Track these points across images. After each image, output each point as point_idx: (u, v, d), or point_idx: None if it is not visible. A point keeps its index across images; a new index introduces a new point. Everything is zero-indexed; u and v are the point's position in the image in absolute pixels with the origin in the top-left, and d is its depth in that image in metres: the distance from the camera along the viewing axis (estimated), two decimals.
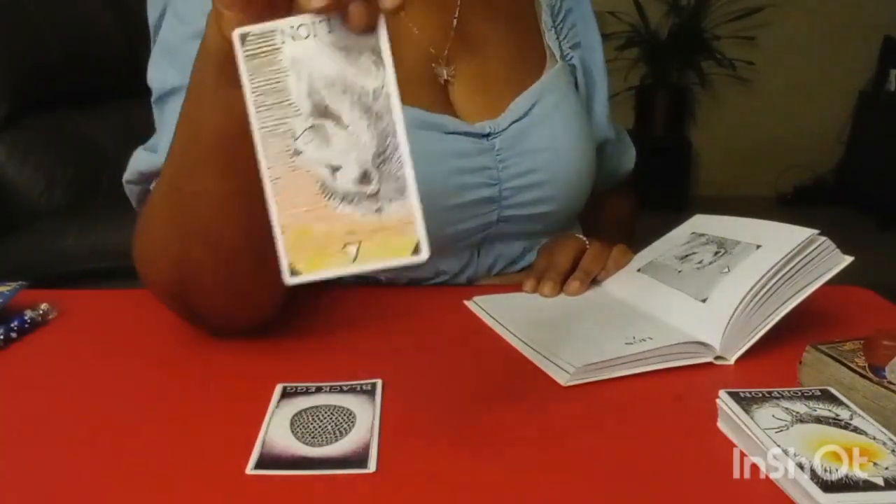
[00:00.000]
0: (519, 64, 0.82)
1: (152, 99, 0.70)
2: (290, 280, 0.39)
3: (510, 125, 0.77)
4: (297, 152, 0.39)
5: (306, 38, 0.38)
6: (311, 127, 0.39)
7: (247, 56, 0.39)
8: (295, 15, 0.39)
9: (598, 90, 0.90)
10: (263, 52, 0.39)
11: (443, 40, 0.78)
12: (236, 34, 0.39)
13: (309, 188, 0.39)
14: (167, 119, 0.68)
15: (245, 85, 0.39)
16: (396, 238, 0.39)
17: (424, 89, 0.75)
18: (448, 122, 0.74)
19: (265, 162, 0.39)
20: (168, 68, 0.69)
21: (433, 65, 0.77)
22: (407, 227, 0.39)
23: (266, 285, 0.58)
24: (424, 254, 0.39)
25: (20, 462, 0.47)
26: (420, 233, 0.39)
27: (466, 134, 0.74)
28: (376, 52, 0.38)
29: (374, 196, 0.39)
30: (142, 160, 0.67)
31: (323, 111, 0.39)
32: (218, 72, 0.46)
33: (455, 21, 0.79)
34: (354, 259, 0.39)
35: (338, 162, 0.39)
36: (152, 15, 0.73)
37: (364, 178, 0.39)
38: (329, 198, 0.39)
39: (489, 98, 0.78)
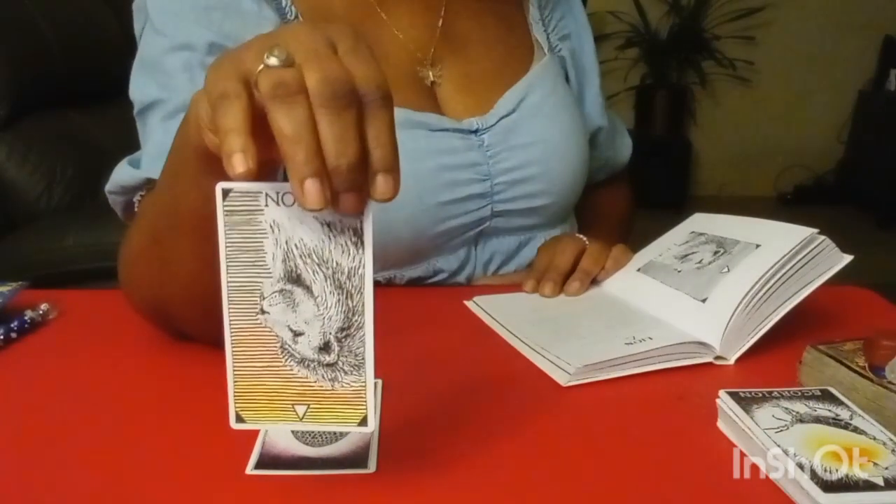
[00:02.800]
0: (506, 60, 0.82)
1: (134, 112, 0.70)
2: (234, 425, 0.40)
3: (498, 121, 0.77)
4: (263, 311, 0.39)
5: (290, 205, 0.38)
6: (279, 291, 0.39)
7: (227, 211, 0.38)
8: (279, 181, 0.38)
9: (590, 80, 0.90)
10: (244, 211, 0.38)
11: (428, 42, 0.78)
12: (219, 188, 0.38)
13: (268, 346, 0.40)
14: (149, 132, 0.68)
15: (220, 238, 0.38)
16: (346, 407, 0.40)
17: (411, 91, 0.76)
18: (434, 119, 0.74)
19: (229, 315, 0.39)
20: (148, 81, 0.69)
21: (419, 68, 0.77)
22: (358, 399, 0.40)
23: None
24: (371, 426, 0.40)
25: (20, 462, 0.46)
26: (369, 407, 0.40)
27: (454, 130, 0.75)
28: (357, 234, 0.38)
29: (332, 366, 0.39)
30: (125, 174, 0.67)
31: (295, 278, 0.39)
32: (198, 162, 0.44)
33: (440, 22, 0.79)
34: (301, 418, 0.40)
35: (301, 328, 0.39)
36: (137, 27, 0.73)
37: (324, 348, 0.39)
38: (287, 359, 0.40)
39: (477, 96, 0.79)
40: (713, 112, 3.84)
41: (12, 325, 0.63)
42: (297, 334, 0.39)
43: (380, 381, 0.54)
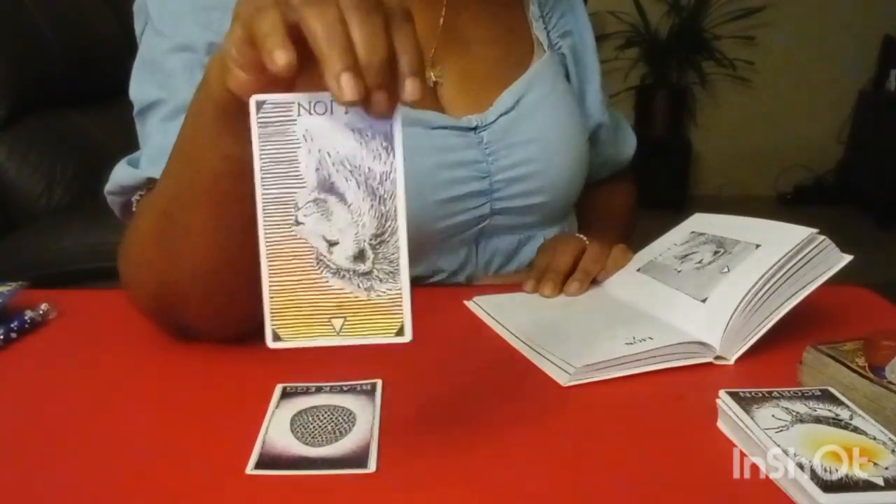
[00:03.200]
0: (506, 57, 0.82)
1: (134, 112, 0.70)
2: (272, 344, 0.40)
3: (497, 118, 0.77)
4: (298, 222, 0.40)
5: (322, 114, 0.39)
6: (314, 200, 0.40)
7: (260, 123, 0.39)
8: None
9: (590, 77, 0.90)
10: (278, 122, 0.39)
11: (429, 42, 0.78)
12: (253, 101, 0.39)
13: (304, 258, 0.40)
14: (149, 133, 0.68)
15: (255, 151, 0.39)
16: (382, 318, 0.40)
17: None
18: (433, 117, 0.74)
19: (264, 228, 0.40)
20: (148, 82, 0.69)
21: None
22: (394, 308, 0.40)
23: (252, 309, 0.58)
24: (408, 336, 0.40)
25: (20, 462, 0.46)
26: (406, 316, 0.40)
27: (452, 128, 0.75)
28: (388, 139, 0.39)
29: (367, 275, 0.40)
30: (124, 174, 0.67)
31: (328, 187, 0.40)
32: (217, 119, 0.46)
33: (441, 21, 0.79)
34: (339, 332, 0.40)
35: (336, 237, 0.40)
36: (137, 28, 0.73)
37: (359, 256, 0.40)
38: (322, 270, 0.40)
39: (477, 94, 0.79)
40: (713, 112, 3.84)
41: (12, 325, 0.63)
42: (331, 244, 0.40)
43: (379, 381, 0.54)
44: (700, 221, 0.73)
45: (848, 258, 0.62)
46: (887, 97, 3.54)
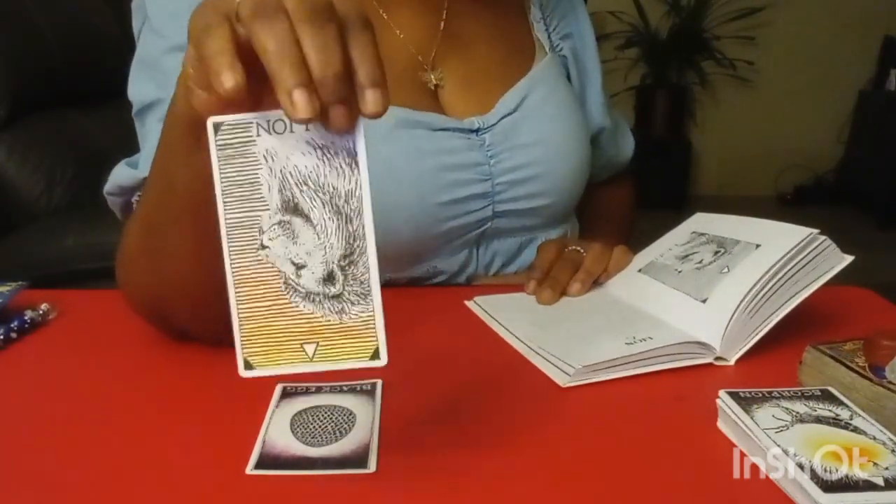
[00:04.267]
0: (508, 60, 0.82)
1: (133, 112, 0.70)
2: (243, 373, 0.39)
3: (500, 120, 0.77)
4: (263, 246, 0.39)
5: (282, 133, 0.38)
6: (278, 223, 0.38)
7: (219, 146, 0.38)
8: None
9: (592, 79, 0.90)
10: (237, 143, 0.38)
11: (430, 44, 0.78)
12: (210, 123, 0.38)
13: (271, 283, 0.39)
14: (147, 132, 0.68)
15: (215, 174, 0.38)
16: (356, 341, 0.39)
17: (411, 92, 0.75)
18: (435, 119, 0.74)
19: (229, 253, 0.39)
20: (146, 82, 0.69)
21: (420, 72, 0.77)
22: (368, 331, 0.38)
23: None
24: (383, 359, 0.39)
25: (20, 462, 0.46)
26: (381, 338, 0.38)
27: (455, 130, 0.75)
28: (352, 155, 0.37)
29: (337, 297, 0.38)
30: (123, 174, 0.67)
31: (293, 208, 0.38)
32: (186, 137, 0.44)
33: (442, 22, 0.79)
34: (312, 358, 0.39)
35: (303, 260, 0.39)
36: (135, 26, 0.73)
37: (328, 278, 0.38)
38: (291, 295, 0.39)
39: (478, 96, 0.79)
40: (713, 112, 3.85)
41: (12, 325, 0.63)
42: (299, 267, 0.38)
43: (379, 381, 0.54)
44: (701, 221, 0.73)
45: (849, 259, 0.62)
46: (887, 97, 3.54)
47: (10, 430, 0.50)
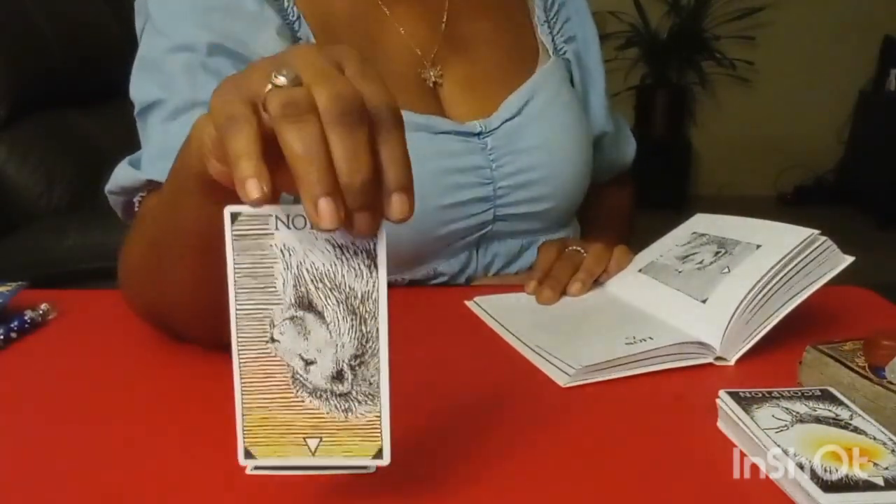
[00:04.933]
0: (510, 62, 0.81)
1: (135, 112, 0.70)
2: (243, 461, 0.39)
3: (502, 124, 0.77)
4: (273, 340, 0.38)
5: (301, 228, 0.37)
6: (290, 318, 0.38)
7: (235, 236, 0.37)
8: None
9: (595, 83, 0.89)
10: (254, 235, 0.37)
11: (431, 42, 0.78)
12: (227, 212, 0.37)
13: (279, 377, 0.38)
14: (150, 132, 0.68)
15: (229, 263, 0.37)
16: (360, 440, 0.38)
17: (413, 93, 0.75)
18: (437, 122, 0.74)
19: (238, 343, 0.38)
20: (148, 82, 0.69)
21: (420, 69, 0.77)
22: (372, 431, 0.38)
23: None
24: (386, 459, 0.38)
25: (20, 462, 0.46)
26: (385, 439, 0.38)
27: (457, 133, 0.75)
28: (371, 257, 0.37)
29: (345, 396, 0.38)
30: (125, 174, 0.67)
31: (306, 304, 0.38)
32: (198, 189, 0.42)
33: (444, 23, 0.79)
34: (314, 452, 0.39)
35: (313, 356, 0.38)
36: (138, 27, 0.73)
37: (337, 377, 0.38)
38: (298, 389, 0.38)
39: (480, 98, 0.78)
40: (713, 112, 3.84)
41: (12, 325, 0.63)
42: (308, 363, 0.38)
43: None
44: (701, 222, 0.73)
45: (849, 259, 0.61)
46: (887, 97, 3.54)
47: (10, 430, 0.50)
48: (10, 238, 1.37)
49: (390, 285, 0.79)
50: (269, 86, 0.35)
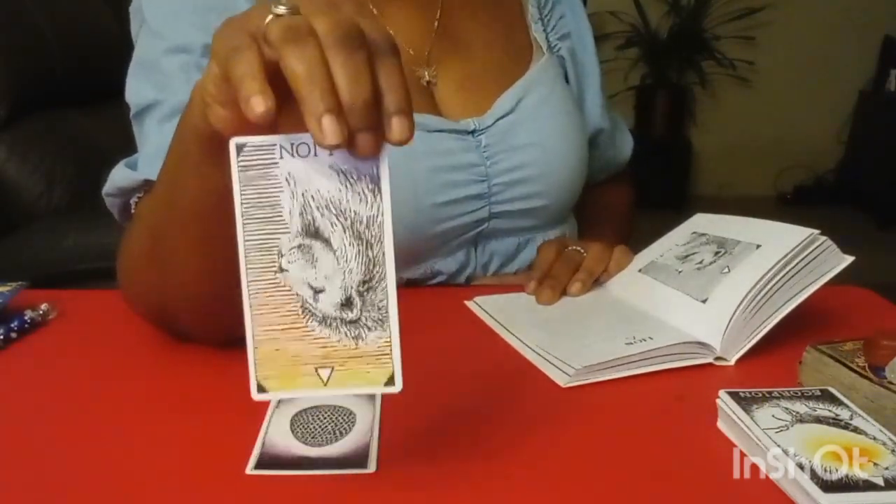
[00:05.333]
0: (504, 60, 0.82)
1: (131, 114, 0.70)
2: (256, 395, 0.39)
3: (496, 121, 0.77)
4: (282, 269, 0.38)
5: (305, 156, 0.37)
6: (298, 246, 0.38)
7: (241, 167, 0.37)
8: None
9: (590, 80, 0.89)
10: (259, 165, 0.37)
11: (425, 41, 0.78)
12: (233, 143, 0.37)
13: (288, 307, 0.38)
14: (146, 134, 0.68)
15: (236, 195, 0.38)
16: (371, 367, 0.38)
17: None
18: (431, 120, 0.74)
19: (247, 275, 0.38)
20: (144, 83, 0.69)
21: (414, 67, 0.77)
22: (383, 357, 0.38)
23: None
24: (398, 386, 0.38)
25: (20, 462, 0.46)
26: (396, 365, 0.38)
27: (451, 131, 0.75)
28: (375, 181, 0.37)
29: (354, 323, 0.38)
30: (122, 176, 0.67)
31: (313, 232, 0.38)
32: (201, 152, 0.44)
33: (437, 21, 0.79)
34: (326, 382, 0.39)
35: (321, 284, 0.38)
36: (133, 29, 0.73)
37: (346, 303, 0.38)
38: (308, 319, 0.38)
39: (475, 96, 0.78)
40: (713, 112, 3.84)
41: (12, 325, 0.63)
42: (317, 291, 0.38)
43: None
44: (701, 222, 0.73)
45: (849, 259, 0.61)
46: (887, 97, 3.54)
47: (10, 430, 0.50)
48: (10, 238, 1.37)
49: None
50: (270, 16, 0.36)
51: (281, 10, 0.36)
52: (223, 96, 0.38)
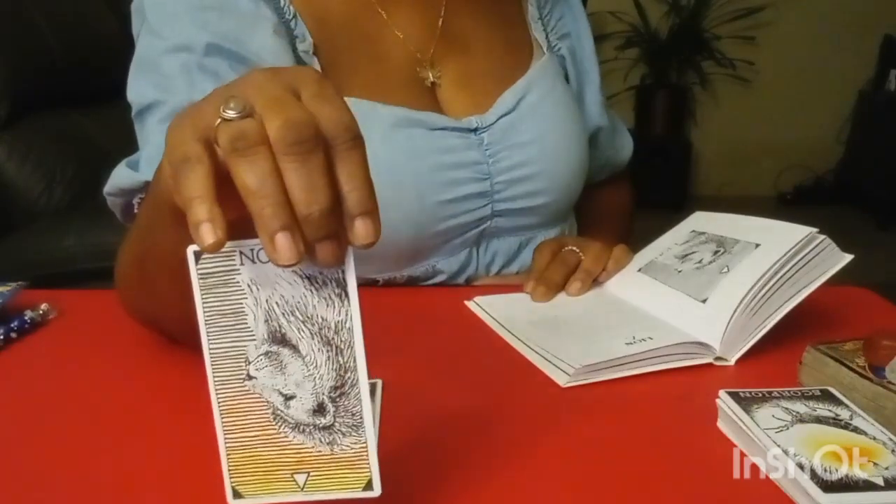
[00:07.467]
0: (505, 59, 0.82)
1: (132, 114, 0.70)
2: (232, 502, 0.38)
3: (498, 119, 0.78)
4: (250, 377, 0.37)
5: (266, 261, 0.35)
6: (265, 353, 0.37)
7: (201, 275, 0.36)
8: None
9: (590, 79, 0.90)
10: (220, 272, 0.36)
11: (428, 42, 0.78)
12: (190, 251, 0.35)
13: (259, 413, 0.37)
14: (147, 134, 0.68)
15: (197, 304, 0.36)
16: (348, 472, 0.37)
17: (410, 91, 0.76)
18: (433, 118, 0.74)
19: (215, 384, 0.37)
20: (146, 83, 0.69)
21: (418, 68, 0.77)
22: (360, 462, 0.37)
23: None
24: (377, 490, 0.37)
25: (20, 462, 0.46)
26: (374, 469, 0.37)
27: (453, 129, 0.75)
28: (341, 286, 0.35)
29: (328, 429, 0.37)
30: (123, 176, 0.66)
31: (280, 339, 0.37)
32: (170, 215, 0.41)
33: (440, 22, 0.79)
34: (302, 487, 0.38)
35: (291, 391, 0.37)
36: (134, 29, 0.73)
37: (319, 410, 0.37)
38: (280, 425, 0.37)
39: (476, 95, 0.79)
40: (713, 112, 3.84)
41: (12, 325, 0.63)
42: (288, 398, 0.37)
43: (379, 381, 0.54)
44: (700, 220, 0.73)
45: (848, 257, 0.62)
46: (887, 97, 3.54)
47: (9, 430, 0.50)
48: (10, 238, 1.37)
49: (389, 282, 0.80)
50: (219, 119, 0.33)
51: (230, 114, 0.33)
52: (178, 194, 0.35)
